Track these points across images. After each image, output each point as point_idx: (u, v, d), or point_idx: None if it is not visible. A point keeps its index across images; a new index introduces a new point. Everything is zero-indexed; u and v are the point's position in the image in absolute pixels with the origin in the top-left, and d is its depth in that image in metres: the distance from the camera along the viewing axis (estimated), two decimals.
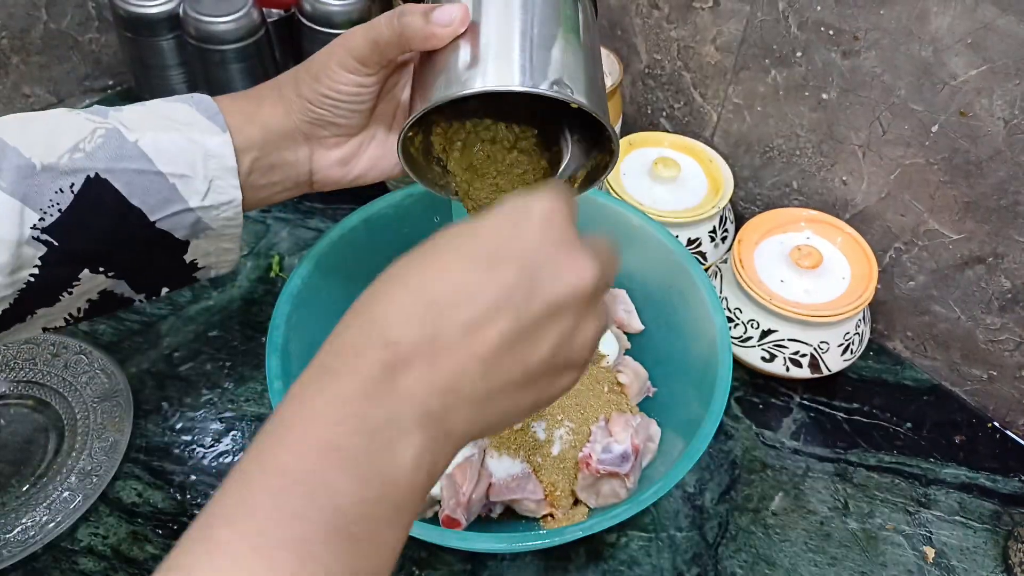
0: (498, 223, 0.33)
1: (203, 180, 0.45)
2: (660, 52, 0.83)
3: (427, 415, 0.30)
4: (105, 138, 0.43)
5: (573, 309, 0.32)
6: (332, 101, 0.46)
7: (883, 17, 0.64)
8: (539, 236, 0.32)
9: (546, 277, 0.31)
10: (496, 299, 0.31)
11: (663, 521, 0.63)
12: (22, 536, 0.59)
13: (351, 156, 0.50)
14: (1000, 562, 0.61)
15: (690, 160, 0.78)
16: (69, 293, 0.45)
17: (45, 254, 0.42)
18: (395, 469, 0.29)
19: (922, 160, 0.67)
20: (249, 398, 0.69)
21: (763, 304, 0.67)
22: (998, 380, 0.70)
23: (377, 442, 0.29)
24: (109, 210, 0.43)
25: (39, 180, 0.41)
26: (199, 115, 0.45)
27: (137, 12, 0.80)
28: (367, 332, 0.31)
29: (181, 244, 0.47)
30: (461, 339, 0.30)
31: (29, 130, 0.42)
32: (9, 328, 0.45)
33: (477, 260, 0.31)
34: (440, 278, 0.31)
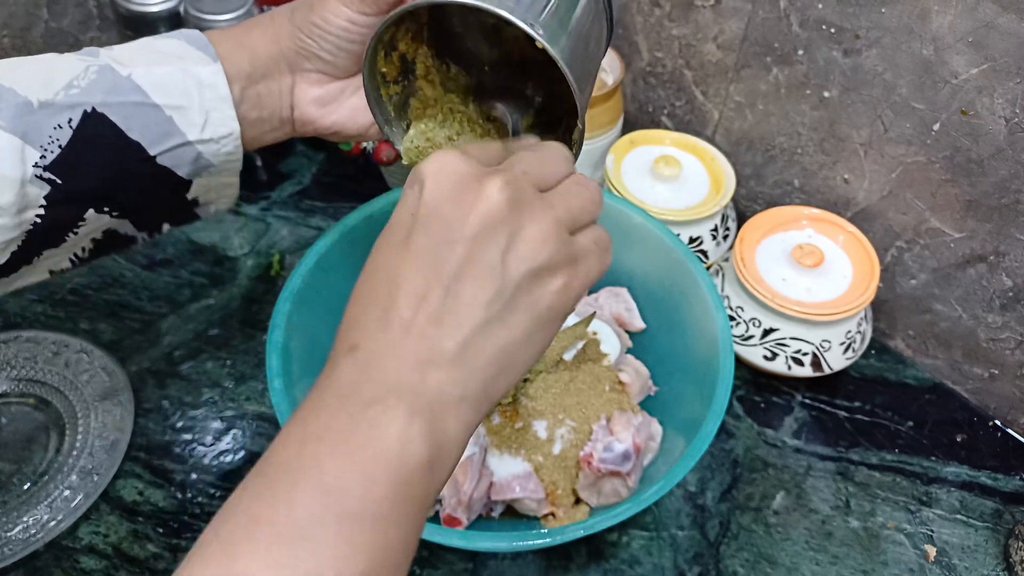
0: (402, 203, 0.34)
1: (199, 112, 0.44)
2: (661, 50, 0.83)
3: (405, 388, 0.30)
4: (99, 74, 0.43)
5: (496, 226, 0.32)
6: (320, 32, 0.46)
7: (884, 15, 0.63)
8: (435, 192, 0.33)
9: (454, 219, 0.32)
10: (423, 267, 0.32)
11: (664, 520, 0.63)
12: (23, 534, 0.59)
13: (331, 99, 0.49)
14: (1001, 560, 0.61)
15: (692, 158, 0.78)
16: (75, 233, 0.45)
17: (49, 193, 0.42)
18: (382, 442, 0.29)
19: (924, 158, 0.67)
20: (250, 397, 0.69)
21: (765, 303, 0.67)
22: (999, 379, 0.70)
23: (359, 420, 0.30)
24: (109, 144, 0.43)
25: (37, 117, 0.41)
26: (189, 47, 0.45)
27: (138, 11, 0.80)
28: (335, 348, 0.33)
29: (184, 182, 0.47)
30: (409, 313, 0.31)
31: (22, 71, 0.42)
32: (18, 270, 0.45)
33: (395, 244, 0.33)
34: (373, 276, 0.33)
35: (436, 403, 0.31)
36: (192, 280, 0.77)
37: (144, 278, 0.77)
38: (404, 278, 0.32)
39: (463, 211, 0.32)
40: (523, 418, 0.58)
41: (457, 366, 0.31)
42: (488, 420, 0.58)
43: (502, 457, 0.57)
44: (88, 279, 0.77)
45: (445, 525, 0.54)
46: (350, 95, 0.50)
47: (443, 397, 0.31)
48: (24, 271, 0.45)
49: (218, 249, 0.80)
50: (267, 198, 0.85)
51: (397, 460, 0.29)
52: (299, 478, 0.29)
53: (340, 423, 0.30)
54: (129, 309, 0.75)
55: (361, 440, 0.29)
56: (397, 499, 0.29)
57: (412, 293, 0.32)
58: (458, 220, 0.32)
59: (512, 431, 0.57)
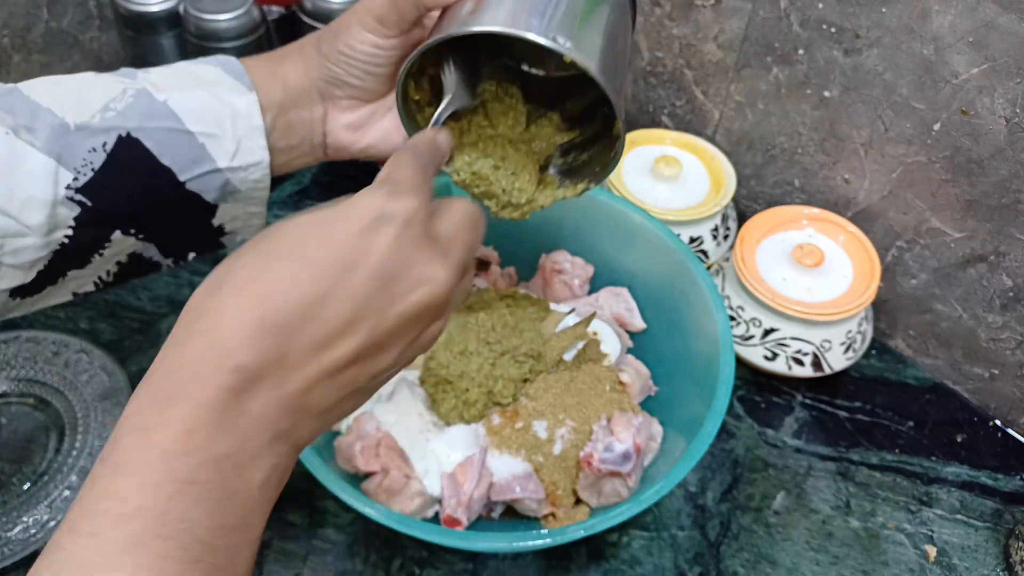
0: (351, 227, 0.31)
1: (232, 140, 0.45)
2: (662, 50, 0.83)
3: (276, 435, 0.30)
4: (135, 97, 0.43)
5: (425, 317, 0.33)
6: (348, 59, 0.46)
7: (885, 15, 0.63)
8: (395, 243, 0.31)
9: (399, 289, 0.31)
10: (349, 314, 0.30)
11: (665, 520, 0.63)
12: (23, 535, 0.59)
13: (363, 123, 0.50)
14: (1001, 560, 0.61)
15: (692, 158, 0.78)
16: (100, 255, 0.45)
17: (79, 214, 0.42)
18: (247, 492, 0.29)
19: (924, 158, 0.66)
20: None
21: (765, 302, 0.67)
22: (1000, 379, 0.70)
23: (228, 470, 0.29)
24: (140, 169, 0.43)
25: (73, 139, 0.41)
26: (225, 75, 0.46)
27: (138, 10, 0.80)
28: (210, 355, 0.29)
29: (210, 207, 0.47)
30: (312, 358, 0.30)
31: (60, 91, 0.42)
32: (42, 291, 0.45)
33: (328, 270, 0.30)
34: (289, 291, 0.30)
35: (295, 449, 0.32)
36: (192, 280, 0.77)
37: (144, 278, 0.77)
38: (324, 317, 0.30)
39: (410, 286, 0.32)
40: (523, 418, 0.58)
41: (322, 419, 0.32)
42: (488, 420, 0.58)
43: (502, 457, 0.57)
44: None
45: (445, 525, 0.54)
46: (381, 117, 0.50)
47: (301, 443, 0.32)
48: (49, 291, 0.45)
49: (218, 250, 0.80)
50: None
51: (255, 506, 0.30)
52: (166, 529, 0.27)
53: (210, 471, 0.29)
54: (129, 309, 0.75)
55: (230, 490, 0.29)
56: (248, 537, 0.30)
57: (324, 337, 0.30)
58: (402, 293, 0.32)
59: (512, 431, 0.57)
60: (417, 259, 0.32)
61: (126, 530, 0.26)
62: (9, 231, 0.40)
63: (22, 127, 0.40)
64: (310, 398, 0.31)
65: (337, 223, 0.32)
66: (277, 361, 0.30)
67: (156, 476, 0.27)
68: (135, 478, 0.27)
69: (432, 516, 0.57)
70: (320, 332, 0.30)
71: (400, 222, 0.32)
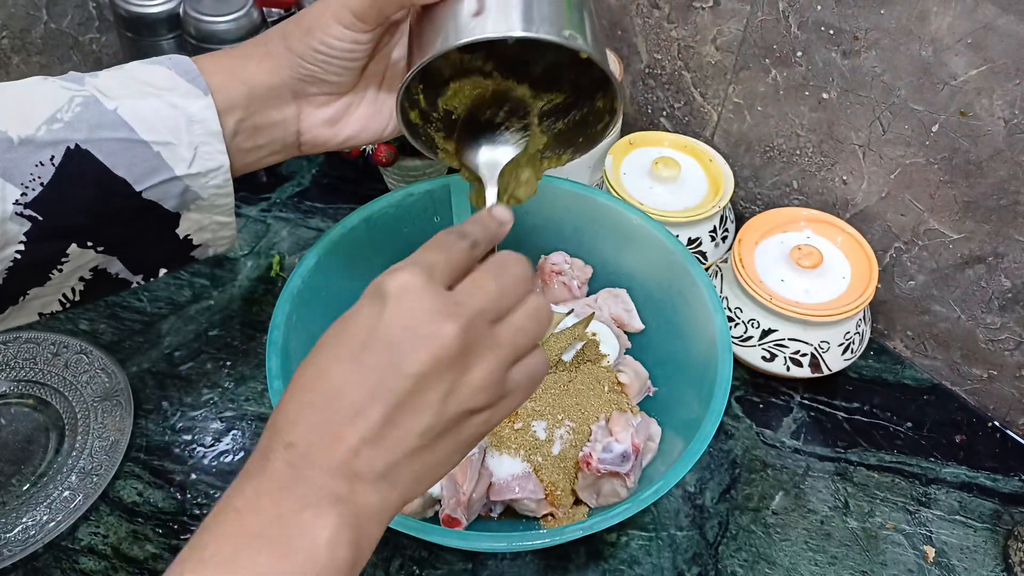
0: (359, 314, 0.35)
1: (188, 147, 0.43)
2: (660, 52, 0.83)
3: (335, 497, 0.33)
4: (83, 106, 0.41)
5: (443, 370, 0.34)
6: (324, 57, 0.45)
7: (883, 17, 0.64)
8: (394, 315, 0.34)
9: (405, 352, 0.33)
10: (369, 386, 0.33)
11: (663, 520, 0.63)
12: (23, 535, 0.59)
13: (340, 116, 0.49)
14: (1000, 561, 0.62)
15: (690, 160, 0.78)
16: (59, 271, 0.44)
17: (30, 229, 0.41)
18: (314, 546, 0.32)
19: (922, 160, 0.67)
20: (249, 397, 0.69)
21: (763, 304, 0.67)
22: (998, 379, 0.70)
23: (293, 525, 0.32)
24: (93, 181, 0.42)
25: (18, 154, 0.40)
26: (179, 78, 0.44)
27: (137, 12, 0.80)
28: (271, 439, 0.34)
29: (172, 216, 0.46)
30: (347, 428, 0.33)
31: (3, 101, 0.41)
32: (4, 311, 0.44)
33: (346, 354, 0.34)
34: (320, 380, 0.34)
35: (362, 513, 0.34)
36: (192, 281, 0.77)
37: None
38: (348, 392, 0.34)
39: (416, 346, 0.34)
40: (522, 419, 0.58)
41: (383, 483, 0.34)
42: None
43: (501, 457, 0.57)
44: None
45: (445, 525, 0.55)
46: (357, 106, 0.49)
47: (368, 509, 0.34)
48: (11, 312, 0.45)
49: None
50: (267, 199, 0.85)
51: (326, 562, 0.32)
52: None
53: (276, 526, 0.32)
54: (129, 310, 0.75)
55: (295, 544, 0.32)
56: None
57: (352, 408, 0.33)
58: (410, 353, 0.33)
59: (511, 431, 0.57)
60: (418, 321, 0.34)
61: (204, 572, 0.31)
62: None
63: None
64: (358, 463, 0.33)
65: (349, 314, 0.36)
66: (319, 435, 0.33)
67: (230, 529, 0.32)
68: (214, 531, 0.33)
69: (432, 516, 0.57)
70: (348, 405, 0.33)
71: (392, 295, 0.34)
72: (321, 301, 0.59)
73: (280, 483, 0.33)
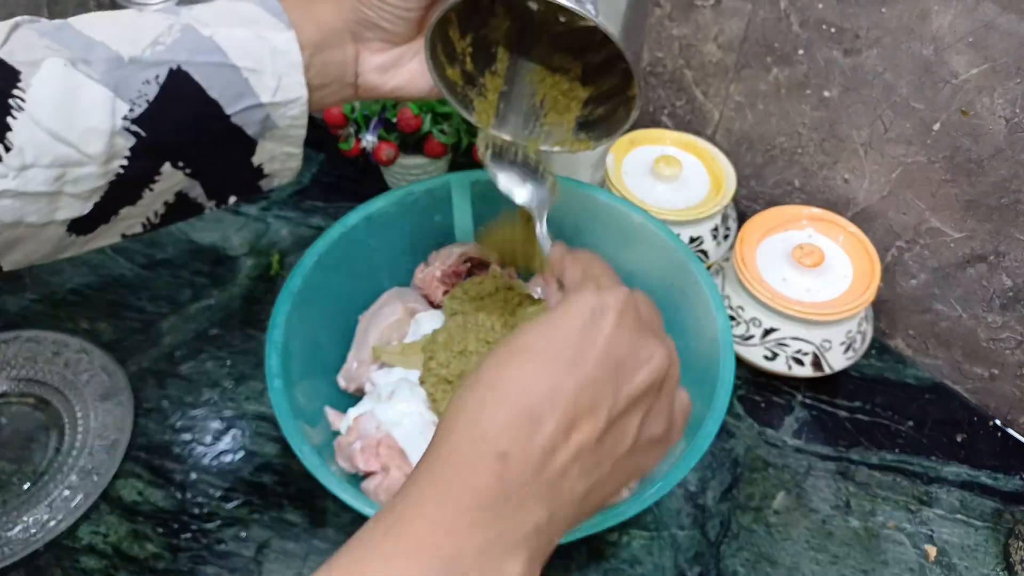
0: (576, 321, 0.34)
1: (272, 76, 0.46)
2: (662, 50, 0.83)
3: (535, 528, 0.31)
4: (182, 32, 0.44)
5: (652, 393, 0.35)
6: (379, 2, 0.47)
7: (884, 15, 0.63)
8: (616, 331, 0.34)
9: (628, 370, 0.34)
10: (590, 399, 0.33)
11: (665, 520, 0.63)
12: (23, 534, 0.59)
13: (392, 64, 0.51)
14: (1001, 560, 0.61)
15: (692, 158, 0.78)
16: (151, 190, 0.46)
17: (134, 144, 0.43)
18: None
19: (924, 158, 0.67)
20: (249, 396, 0.69)
21: (765, 302, 0.67)
22: (1000, 378, 0.70)
23: (489, 557, 0.30)
24: (190, 102, 0.44)
25: (127, 72, 0.42)
26: (265, 12, 0.47)
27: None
28: (477, 445, 0.32)
29: (251, 143, 0.48)
30: (563, 440, 0.32)
31: (110, 26, 0.44)
32: (95, 231, 0.46)
33: (563, 361, 0.33)
34: (534, 384, 0.33)
35: (549, 542, 0.32)
36: (192, 280, 0.77)
37: (144, 278, 0.77)
38: (566, 398, 0.32)
39: (636, 366, 0.34)
40: None
41: (576, 508, 0.33)
42: None
43: None
44: (88, 279, 0.77)
45: None
46: (409, 60, 0.51)
47: (557, 534, 0.33)
48: (101, 230, 0.47)
49: (218, 249, 0.80)
50: (267, 198, 0.85)
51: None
52: None
53: (469, 559, 0.30)
54: (129, 309, 0.75)
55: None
56: None
57: (569, 417, 0.32)
58: (631, 372, 0.34)
59: None
60: (637, 342, 0.34)
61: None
62: (71, 160, 0.42)
63: (79, 60, 0.41)
64: (564, 484, 0.32)
65: (561, 320, 0.35)
66: (535, 448, 0.32)
67: (423, 546, 0.30)
68: (405, 543, 0.30)
69: None
70: (567, 418, 0.32)
71: (616, 311, 0.34)
72: (321, 300, 0.59)
73: (485, 500, 0.31)
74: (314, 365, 0.59)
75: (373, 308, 0.65)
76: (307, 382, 0.56)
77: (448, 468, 0.32)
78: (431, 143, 0.76)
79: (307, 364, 0.57)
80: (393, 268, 0.67)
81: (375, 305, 0.65)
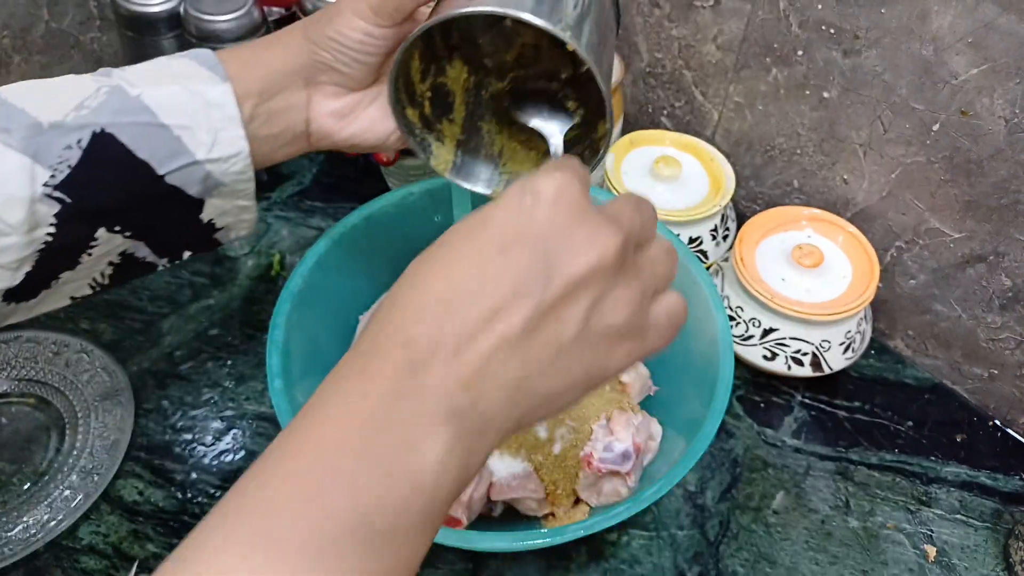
0: (506, 209, 0.32)
1: (207, 131, 0.45)
2: (661, 51, 0.83)
3: (453, 410, 0.30)
4: (108, 95, 0.43)
5: (598, 279, 0.31)
6: (337, 46, 0.46)
7: (884, 16, 0.64)
8: (550, 214, 0.31)
9: (562, 255, 0.31)
10: (513, 285, 0.30)
11: (664, 520, 0.63)
12: (23, 534, 0.59)
13: (348, 111, 0.50)
14: (1001, 560, 0.61)
15: (691, 159, 0.78)
16: (89, 255, 0.45)
17: (59, 211, 0.42)
18: (422, 468, 0.29)
19: (923, 159, 0.67)
20: (250, 397, 0.69)
21: (764, 303, 0.67)
22: (999, 379, 0.70)
23: (402, 439, 0.29)
24: (117, 164, 0.43)
25: (47, 138, 0.42)
26: (199, 67, 0.46)
27: (138, 11, 0.80)
28: (386, 333, 0.31)
29: (196, 202, 0.47)
30: (483, 328, 0.30)
31: (35, 92, 0.43)
32: (37, 295, 0.45)
33: (488, 249, 0.31)
34: (454, 272, 0.31)
35: (477, 430, 0.30)
36: (192, 280, 0.77)
37: (145, 278, 0.77)
38: (488, 288, 0.30)
39: (573, 250, 0.31)
40: None
41: (508, 396, 0.31)
42: None
43: (502, 457, 0.57)
44: None
45: (445, 525, 0.54)
46: (366, 107, 0.50)
47: (484, 425, 0.30)
48: (44, 296, 0.46)
49: (218, 249, 0.80)
50: (267, 198, 0.85)
51: (431, 488, 0.29)
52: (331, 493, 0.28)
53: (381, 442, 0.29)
54: (129, 309, 0.75)
55: (402, 466, 0.29)
56: (423, 525, 0.30)
57: (492, 306, 0.30)
58: (566, 256, 0.31)
59: None
60: (576, 225, 0.31)
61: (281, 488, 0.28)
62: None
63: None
64: (487, 370, 0.30)
65: (489, 210, 0.32)
66: (449, 334, 0.30)
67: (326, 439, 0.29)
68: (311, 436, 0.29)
69: None
70: (487, 303, 0.30)
71: (549, 195, 0.31)
72: (321, 300, 0.59)
73: (392, 387, 0.29)
74: (314, 365, 0.59)
75: (373, 308, 0.65)
76: (307, 382, 0.56)
77: (358, 361, 0.31)
78: None
79: (307, 364, 0.57)
80: (393, 268, 0.67)
81: (375, 305, 0.65)
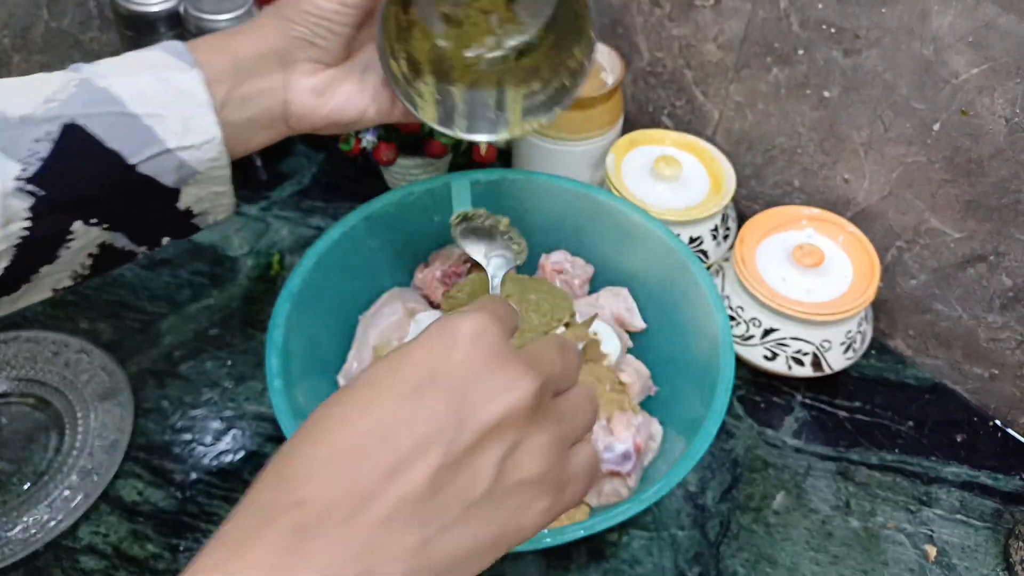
0: (424, 349, 0.30)
1: (178, 119, 0.45)
2: (662, 50, 0.83)
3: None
4: (78, 87, 0.43)
5: (513, 426, 0.29)
6: (313, 19, 0.47)
7: (884, 15, 0.63)
8: (465, 357, 0.30)
9: (475, 400, 0.29)
10: (424, 433, 0.28)
11: (665, 520, 0.63)
12: (23, 534, 0.59)
13: (325, 87, 0.50)
14: (1001, 560, 0.61)
15: (692, 158, 0.78)
16: (67, 248, 0.45)
17: (33, 204, 0.42)
18: None
19: (924, 158, 0.67)
20: (249, 397, 0.69)
21: (765, 303, 0.67)
22: (999, 378, 0.70)
23: None
24: (89, 155, 0.43)
25: (17, 132, 0.42)
26: (167, 55, 0.46)
27: (138, 11, 0.80)
28: (276, 492, 0.28)
29: (172, 192, 0.47)
30: (384, 484, 0.27)
31: (5, 88, 0.43)
32: (18, 288, 0.45)
33: (399, 393, 0.29)
34: (363, 417, 0.29)
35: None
36: (192, 280, 0.77)
37: (144, 278, 0.77)
38: (396, 432, 0.28)
39: (487, 394, 0.29)
40: None
41: (410, 563, 0.28)
42: None
43: None
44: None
45: None
46: (343, 81, 0.51)
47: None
48: (25, 289, 0.46)
49: (218, 249, 0.80)
50: (267, 198, 0.85)
51: None
52: None
53: None
54: (129, 309, 0.75)
55: None
56: None
57: (394, 460, 0.28)
58: (479, 403, 0.29)
59: None
60: (492, 368, 0.30)
61: None
62: None
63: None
64: (387, 535, 0.27)
65: (408, 348, 0.30)
66: (345, 493, 0.27)
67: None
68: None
69: None
70: (393, 455, 0.28)
71: (470, 336, 0.30)
72: (321, 300, 0.59)
73: (277, 559, 0.26)
74: (314, 365, 0.59)
75: (373, 308, 0.65)
76: (307, 382, 0.56)
77: (245, 524, 0.27)
78: (431, 143, 0.76)
79: (307, 364, 0.57)
80: (393, 268, 0.67)
81: (375, 305, 0.65)
